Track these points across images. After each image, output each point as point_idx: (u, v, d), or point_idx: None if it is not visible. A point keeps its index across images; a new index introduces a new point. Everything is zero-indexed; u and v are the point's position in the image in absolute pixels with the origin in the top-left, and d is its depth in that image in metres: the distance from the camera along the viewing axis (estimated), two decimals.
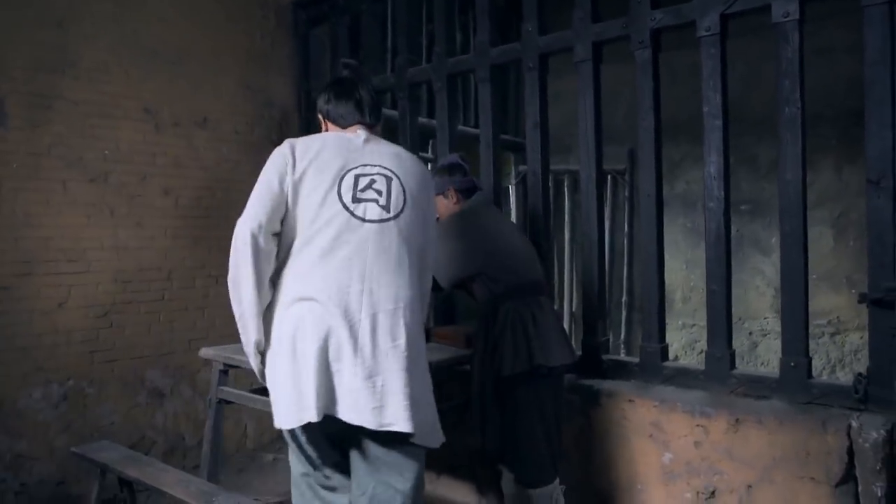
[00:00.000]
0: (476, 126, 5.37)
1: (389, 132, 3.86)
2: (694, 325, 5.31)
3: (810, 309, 2.47)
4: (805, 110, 2.44)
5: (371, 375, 1.65)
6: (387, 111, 4.06)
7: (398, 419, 1.64)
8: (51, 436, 3.09)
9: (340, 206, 1.77)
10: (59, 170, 3.13)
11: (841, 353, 4.67)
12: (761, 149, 4.87)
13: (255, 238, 1.73)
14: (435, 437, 1.78)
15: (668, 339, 2.84)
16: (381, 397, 1.64)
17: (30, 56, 3.02)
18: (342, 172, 1.82)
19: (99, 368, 3.26)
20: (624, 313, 5.44)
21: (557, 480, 2.38)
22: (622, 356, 3.91)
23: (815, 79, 4.79)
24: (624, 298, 5.45)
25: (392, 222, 1.80)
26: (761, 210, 4.98)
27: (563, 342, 2.41)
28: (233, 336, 2.06)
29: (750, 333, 4.99)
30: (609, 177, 5.58)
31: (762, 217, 4.97)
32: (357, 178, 1.82)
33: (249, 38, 3.87)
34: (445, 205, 2.57)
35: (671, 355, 2.87)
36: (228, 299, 1.83)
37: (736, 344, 2.75)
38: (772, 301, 4.95)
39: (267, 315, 1.80)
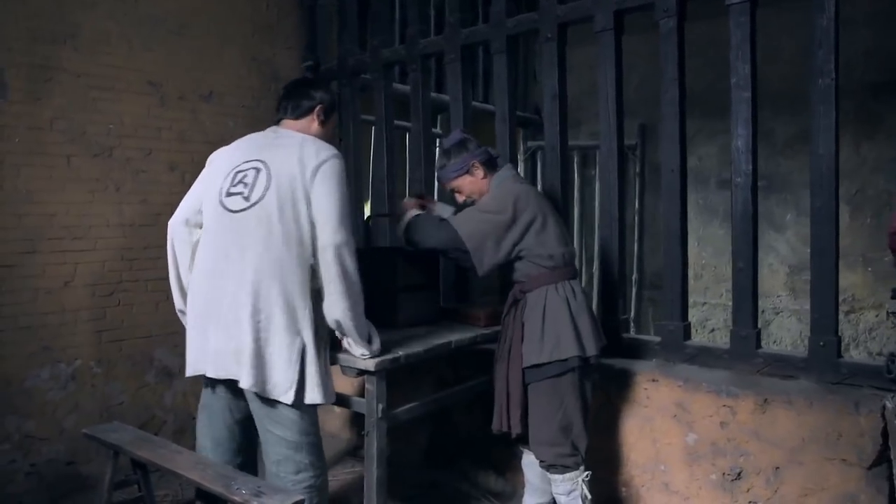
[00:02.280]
0: (485, 101, 5.29)
1: (400, 106, 3.77)
2: (705, 303, 5.26)
3: None
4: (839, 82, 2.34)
5: (229, 340, 2.00)
6: (398, 86, 3.95)
7: (243, 376, 1.99)
8: (59, 416, 3.04)
9: (217, 200, 2.11)
10: (61, 144, 3.03)
11: (855, 332, 4.62)
12: (778, 124, 4.77)
13: (172, 228, 2.26)
14: (289, 397, 2.00)
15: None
16: (236, 357, 1.99)
17: (27, 25, 2.91)
18: (230, 170, 2.13)
19: (107, 348, 3.20)
20: (634, 290, 5.38)
21: (583, 468, 2.28)
22: (643, 335, 3.81)
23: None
24: (634, 276, 5.39)
25: (250, 210, 2.03)
26: (776, 186, 4.89)
27: (596, 327, 2.31)
28: None
29: (762, 312, 4.93)
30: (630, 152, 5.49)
31: (777, 193, 4.88)
32: (236, 174, 2.11)
33: (255, 8, 3.74)
34: (473, 181, 2.41)
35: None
36: None
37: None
38: (785, 279, 4.89)
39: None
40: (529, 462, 2.44)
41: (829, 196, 2.35)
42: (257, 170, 2.08)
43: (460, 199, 2.48)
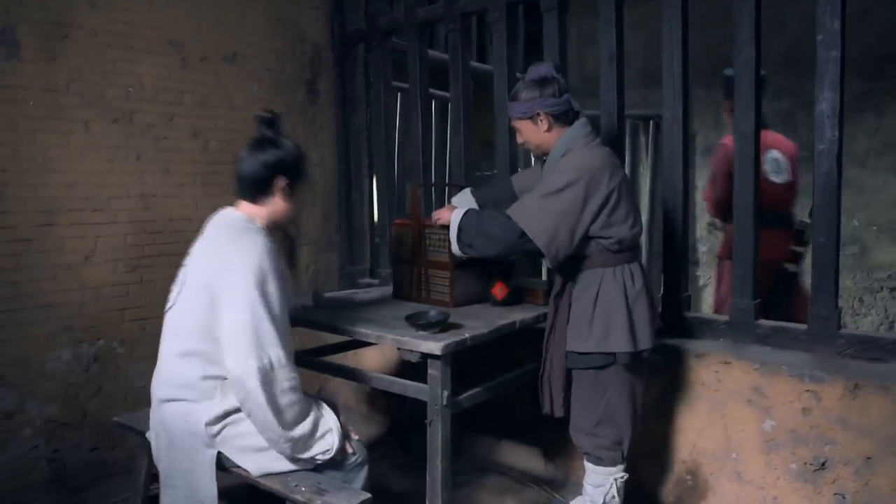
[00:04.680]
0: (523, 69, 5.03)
1: (436, 74, 3.53)
2: None
3: (871, 262, 2.22)
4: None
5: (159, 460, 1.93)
6: (433, 54, 3.70)
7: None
8: (82, 400, 2.86)
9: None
10: (79, 108, 2.81)
11: None
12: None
13: None
14: None
15: (709, 291, 2.64)
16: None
17: None
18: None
19: (130, 327, 3.01)
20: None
21: (621, 467, 2.11)
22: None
23: (885, 15, 4.47)
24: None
25: (169, 312, 1.92)
26: None
27: (653, 316, 2.10)
28: None
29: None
30: (651, 122, 5.27)
31: None
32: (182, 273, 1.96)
33: None
34: (535, 132, 2.10)
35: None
36: None
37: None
38: None
39: None
40: None
41: None
42: (184, 268, 1.99)
43: (518, 139, 2.21)
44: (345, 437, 1.88)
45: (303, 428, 1.78)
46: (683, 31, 2.59)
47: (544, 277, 3.79)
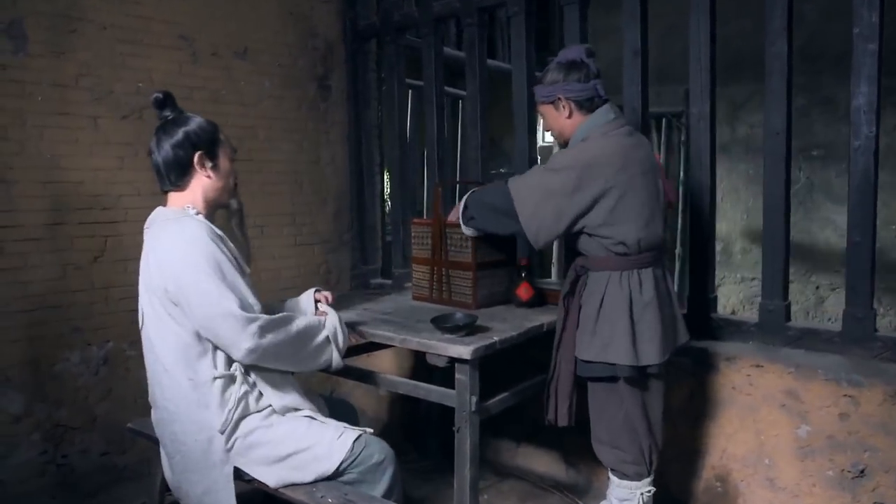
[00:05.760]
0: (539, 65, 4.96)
1: (450, 72, 3.45)
2: (754, 278, 5.01)
3: (890, 261, 2.15)
4: None
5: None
6: (454, 53, 3.61)
7: None
8: (91, 403, 2.79)
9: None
10: (87, 104, 2.73)
11: None
12: (840, 89, 4.47)
13: None
14: None
15: (724, 292, 2.56)
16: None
17: None
18: None
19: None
20: (678, 265, 5.14)
21: (647, 481, 2.00)
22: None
23: None
24: (678, 250, 5.14)
25: (143, 331, 1.86)
26: (835, 155, 4.63)
27: (668, 331, 1.96)
28: (275, 293, 2.05)
29: (817, 287, 4.70)
30: (664, 120, 5.20)
31: (836, 163, 4.62)
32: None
33: None
34: (555, 118, 1.99)
35: (727, 310, 2.58)
36: (274, 252, 1.96)
37: (801, 298, 2.47)
38: (843, 253, 4.63)
39: None
40: None
41: None
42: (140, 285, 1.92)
43: (545, 126, 2.14)
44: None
45: (315, 335, 1.84)
46: (711, 26, 2.51)
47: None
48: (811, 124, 4.47)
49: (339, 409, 2.08)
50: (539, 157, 3.30)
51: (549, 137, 5.36)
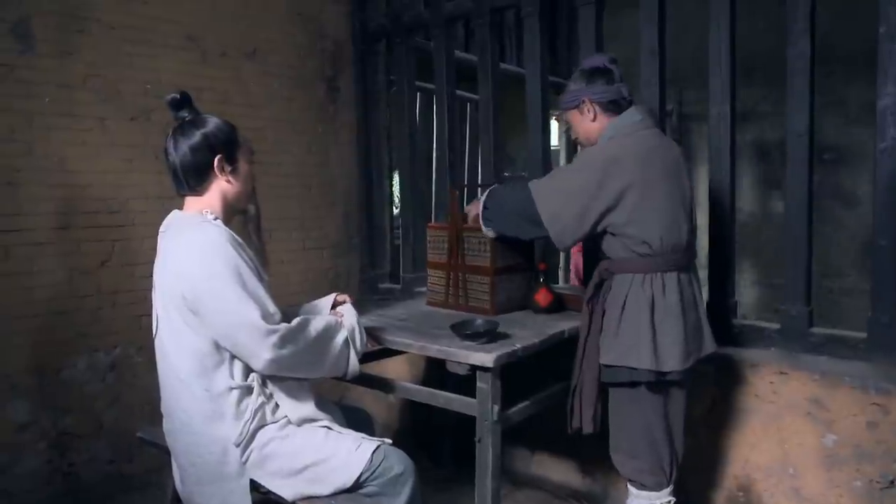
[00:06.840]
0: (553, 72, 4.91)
1: (462, 76, 3.40)
2: (764, 282, 4.97)
3: None
4: None
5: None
6: (461, 55, 3.56)
7: None
8: (98, 410, 2.74)
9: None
10: (95, 105, 2.68)
11: None
12: (851, 91, 4.45)
13: None
14: None
15: (735, 297, 2.52)
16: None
17: None
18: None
19: (147, 334, 2.83)
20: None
21: (668, 491, 1.93)
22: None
23: None
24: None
25: (156, 340, 1.80)
26: (846, 158, 4.59)
27: (691, 337, 1.89)
28: (283, 298, 1.96)
29: (830, 292, 4.65)
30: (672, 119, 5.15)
31: (847, 166, 4.58)
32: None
33: None
34: (581, 122, 1.99)
35: (737, 313, 2.54)
36: (282, 256, 2.00)
37: (813, 303, 2.40)
38: (854, 257, 4.60)
39: None
40: None
41: None
42: (153, 287, 1.86)
43: (573, 135, 2.11)
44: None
45: (334, 340, 1.80)
46: (731, 24, 2.47)
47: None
48: (822, 127, 4.41)
49: (354, 418, 2.03)
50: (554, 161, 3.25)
51: (554, 141, 5.32)
